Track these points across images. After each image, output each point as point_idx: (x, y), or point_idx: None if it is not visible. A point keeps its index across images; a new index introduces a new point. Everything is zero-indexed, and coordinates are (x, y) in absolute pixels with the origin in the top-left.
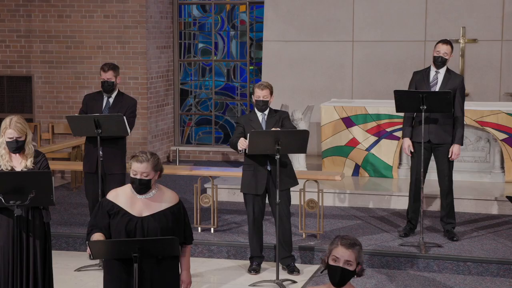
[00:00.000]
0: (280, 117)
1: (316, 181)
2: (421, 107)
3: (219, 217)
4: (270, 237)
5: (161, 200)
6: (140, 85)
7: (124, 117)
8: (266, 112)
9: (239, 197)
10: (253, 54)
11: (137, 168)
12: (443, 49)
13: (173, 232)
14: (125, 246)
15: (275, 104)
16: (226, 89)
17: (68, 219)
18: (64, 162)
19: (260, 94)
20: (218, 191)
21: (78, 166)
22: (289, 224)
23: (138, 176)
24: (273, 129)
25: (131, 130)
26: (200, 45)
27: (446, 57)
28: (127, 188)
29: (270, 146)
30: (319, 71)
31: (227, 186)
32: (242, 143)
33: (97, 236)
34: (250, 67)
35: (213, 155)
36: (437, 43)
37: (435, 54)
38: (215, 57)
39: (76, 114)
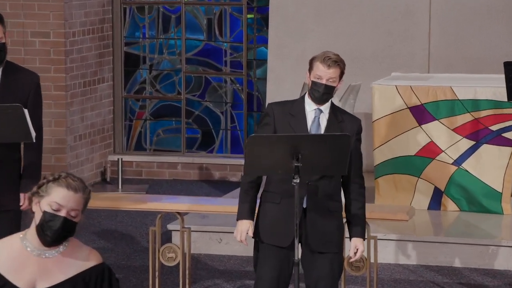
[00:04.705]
0: (352, 128)
1: None
2: None
3: (194, 285)
4: None
5: (70, 261)
6: (53, 46)
7: (26, 110)
8: (326, 108)
9: (230, 248)
10: None
11: (66, 200)
12: None
13: None
14: None
15: (291, 82)
16: (205, 54)
17: None
18: None
19: (323, 73)
20: (193, 237)
21: None
22: None
23: (62, 213)
24: None
25: (40, 132)
26: None
27: None
28: (15, 240)
29: (284, 161)
30: (369, 23)
31: (208, 229)
32: (238, 234)
33: None
34: (248, 16)
35: (184, 171)
36: None
37: None
38: None
39: None
